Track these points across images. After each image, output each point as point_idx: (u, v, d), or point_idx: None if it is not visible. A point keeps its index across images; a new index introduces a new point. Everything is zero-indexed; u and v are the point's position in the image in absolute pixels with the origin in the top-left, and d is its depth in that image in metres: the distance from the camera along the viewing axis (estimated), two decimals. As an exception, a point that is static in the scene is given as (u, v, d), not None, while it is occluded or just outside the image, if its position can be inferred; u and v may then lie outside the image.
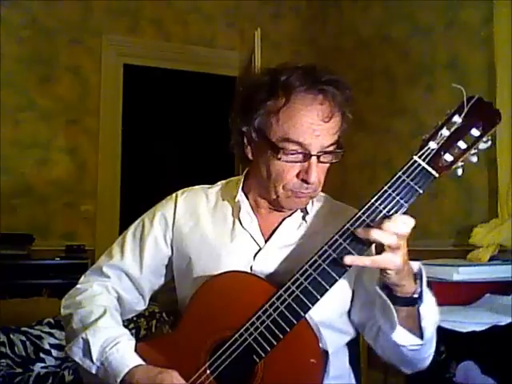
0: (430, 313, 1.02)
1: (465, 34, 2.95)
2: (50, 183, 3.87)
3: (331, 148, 1.07)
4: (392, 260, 0.94)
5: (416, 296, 0.99)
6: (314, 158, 1.05)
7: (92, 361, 1.06)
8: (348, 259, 0.95)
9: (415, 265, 1.01)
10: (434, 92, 3.10)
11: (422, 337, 1.02)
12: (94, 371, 1.07)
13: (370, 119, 3.62)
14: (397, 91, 3.47)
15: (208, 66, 4.30)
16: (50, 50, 3.91)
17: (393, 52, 3.51)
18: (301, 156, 1.06)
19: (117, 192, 4.07)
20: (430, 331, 1.03)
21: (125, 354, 1.06)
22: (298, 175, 1.07)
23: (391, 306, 0.99)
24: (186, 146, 5.15)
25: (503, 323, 1.86)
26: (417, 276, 1.00)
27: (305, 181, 1.07)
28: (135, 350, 1.08)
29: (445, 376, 1.87)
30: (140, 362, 1.05)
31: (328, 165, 1.10)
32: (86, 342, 1.07)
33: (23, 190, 3.79)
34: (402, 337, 1.02)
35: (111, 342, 1.07)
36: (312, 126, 1.04)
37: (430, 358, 1.10)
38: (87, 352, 1.07)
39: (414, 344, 1.03)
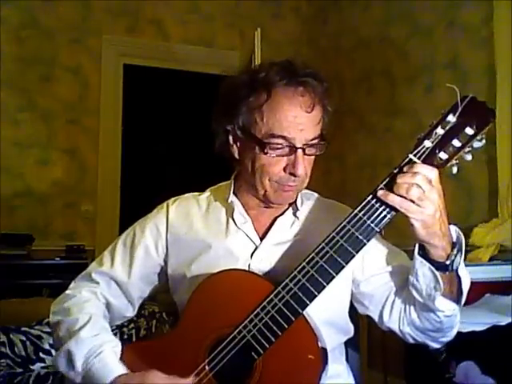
0: (466, 277, 1.05)
1: (465, 34, 2.95)
2: (50, 183, 3.87)
3: (315, 140, 1.09)
4: (418, 210, 0.95)
5: (448, 263, 1.00)
6: (299, 151, 1.07)
7: (76, 371, 1.06)
8: (380, 192, 0.96)
9: (453, 231, 1.03)
10: (434, 92, 3.10)
11: (457, 301, 1.05)
12: (78, 381, 1.06)
13: (370, 119, 3.62)
14: (397, 91, 3.47)
15: (208, 66, 4.30)
16: (50, 50, 3.91)
17: (393, 52, 3.51)
18: (287, 149, 1.08)
19: (117, 192, 4.07)
20: (464, 296, 1.06)
21: (107, 363, 1.05)
22: (285, 169, 1.09)
23: (434, 270, 1.00)
24: (185, 145, 5.14)
25: (503, 323, 1.86)
26: (455, 245, 1.02)
27: (292, 174, 1.08)
28: (132, 352, 1.08)
29: (445, 376, 1.87)
30: (123, 370, 1.04)
31: (313, 157, 1.12)
32: (70, 353, 1.07)
33: (23, 190, 3.79)
34: (442, 303, 1.04)
35: (94, 351, 1.06)
36: (296, 119, 1.06)
37: (457, 327, 1.12)
38: (71, 363, 1.07)
39: (451, 309, 1.05)
